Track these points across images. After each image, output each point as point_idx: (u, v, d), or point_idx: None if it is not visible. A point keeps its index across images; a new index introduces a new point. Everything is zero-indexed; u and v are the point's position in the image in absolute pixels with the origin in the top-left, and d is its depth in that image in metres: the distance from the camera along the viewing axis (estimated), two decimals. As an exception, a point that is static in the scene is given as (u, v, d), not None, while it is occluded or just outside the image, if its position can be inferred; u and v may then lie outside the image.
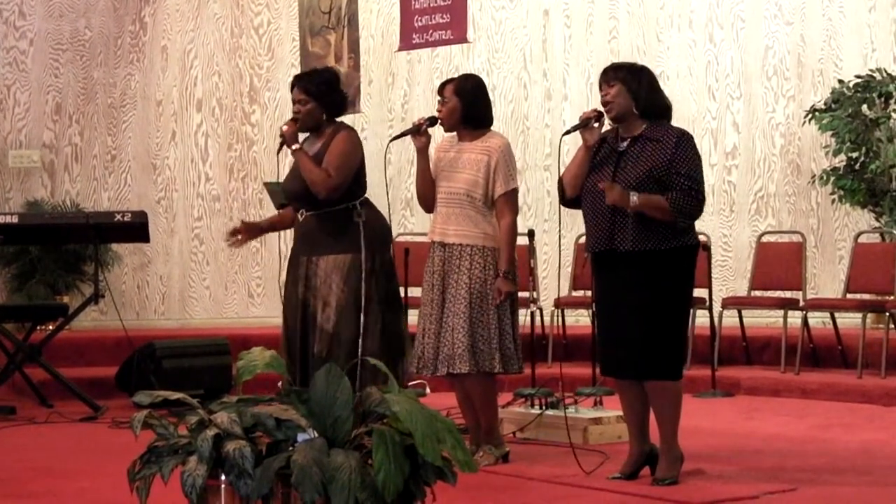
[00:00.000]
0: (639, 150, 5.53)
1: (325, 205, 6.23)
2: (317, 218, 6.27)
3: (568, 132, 5.84)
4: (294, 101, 6.39)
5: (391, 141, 6.56)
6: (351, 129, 6.41)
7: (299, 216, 6.35)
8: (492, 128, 6.24)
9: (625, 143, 5.57)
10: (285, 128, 6.33)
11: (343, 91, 6.53)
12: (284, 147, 6.33)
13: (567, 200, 5.74)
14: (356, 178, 6.31)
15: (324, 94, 6.35)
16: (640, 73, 5.63)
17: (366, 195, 6.39)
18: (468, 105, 6.14)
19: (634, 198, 5.40)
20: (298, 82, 6.45)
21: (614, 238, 5.49)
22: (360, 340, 6.12)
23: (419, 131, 6.13)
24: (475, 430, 6.19)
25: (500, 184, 6.07)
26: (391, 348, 6.20)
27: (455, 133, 6.24)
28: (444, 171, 6.16)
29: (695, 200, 5.48)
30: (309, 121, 6.34)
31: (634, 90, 5.54)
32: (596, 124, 5.62)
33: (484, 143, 6.12)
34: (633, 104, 5.54)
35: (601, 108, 5.67)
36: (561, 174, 5.76)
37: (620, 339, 5.55)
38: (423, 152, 6.16)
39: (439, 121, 6.19)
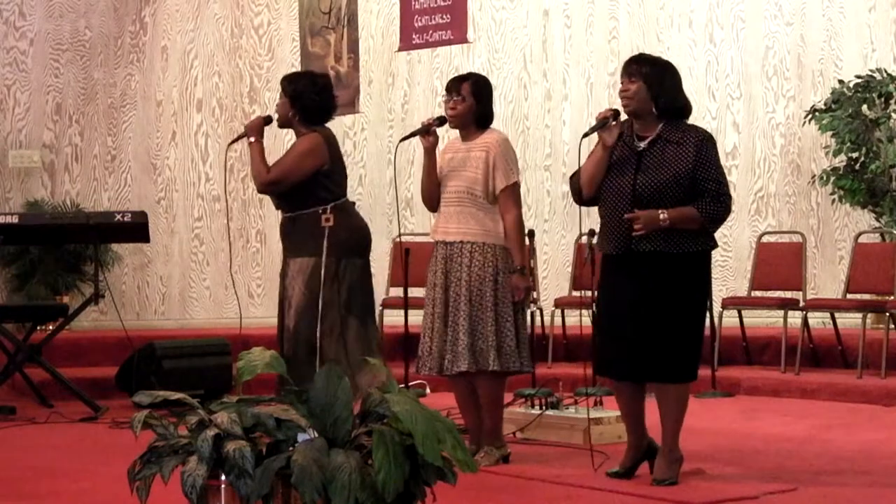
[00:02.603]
0: (659, 153, 5.47)
1: (294, 207, 6.35)
2: (289, 221, 6.44)
3: (587, 134, 5.72)
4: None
5: (401, 141, 6.54)
6: (316, 134, 6.42)
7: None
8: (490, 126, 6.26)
9: (643, 144, 5.52)
10: (252, 120, 6.48)
11: (324, 99, 6.52)
12: (243, 139, 6.46)
13: (583, 200, 5.67)
14: (319, 181, 6.33)
15: (297, 96, 6.40)
16: (664, 72, 5.55)
17: (345, 199, 6.43)
18: (483, 105, 6.16)
19: (664, 215, 5.36)
20: (281, 80, 6.62)
21: (632, 240, 5.45)
22: (318, 343, 6.18)
23: (428, 131, 6.13)
24: (475, 430, 6.19)
25: (501, 178, 6.07)
26: (352, 355, 6.23)
27: (458, 133, 6.24)
28: (450, 171, 6.17)
29: (724, 205, 5.45)
30: (280, 116, 6.48)
31: (656, 90, 5.48)
32: (614, 122, 5.54)
33: (483, 140, 6.13)
34: (653, 104, 5.50)
35: (615, 107, 5.61)
36: (573, 174, 5.71)
37: (630, 341, 5.50)
38: (430, 152, 6.15)
39: (449, 118, 6.18)
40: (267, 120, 6.53)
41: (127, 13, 11.45)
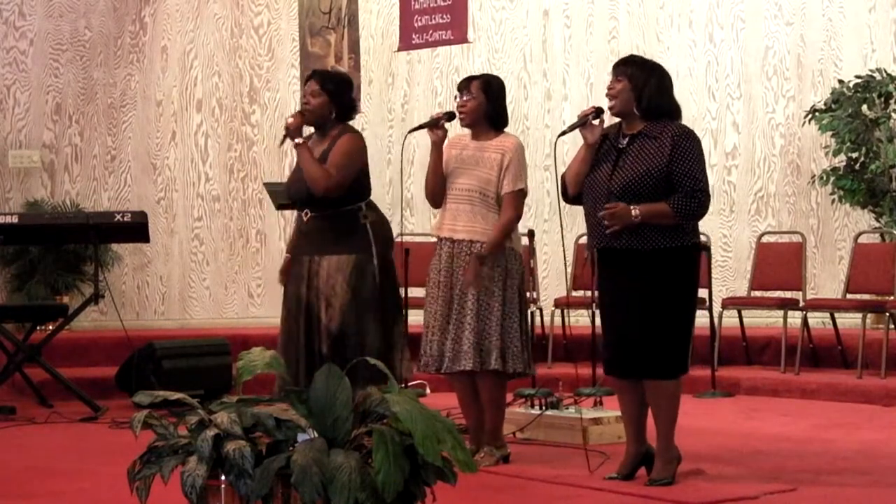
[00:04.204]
0: (638, 149, 5.51)
1: (331, 206, 6.22)
2: (323, 219, 6.27)
3: (565, 132, 5.81)
4: (305, 94, 6.38)
5: (409, 132, 6.53)
6: (357, 132, 6.41)
7: (303, 216, 6.35)
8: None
9: (625, 141, 5.56)
10: (290, 120, 6.31)
11: (354, 98, 6.54)
12: (287, 140, 6.32)
13: (569, 198, 5.73)
14: (359, 180, 6.31)
15: (338, 93, 6.36)
16: (650, 72, 5.57)
17: (370, 198, 6.41)
18: (493, 104, 6.16)
19: (636, 212, 5.38)
20: (315, 76, 6.46)
21: (611, 236, 5.48)
22: (362, 339, 6.13)
23: (437, 125, 6.13)
24: (476, 430, 6.19)
25: (508, 182, 6.08)
26: (391, 348, 6.22)
27: (468, 131, 6.25)
28: (458, 168, 6.16)
29: (697, 201, 5.45)
30: (317, 115, 6.31)
31: (639, 89, 5.51)
32: (595, 121, 5.59)
33: (499, 143, 6.14)
34: (635, 104, 5.52)
35: (600, 105, 5.66)
36: (563, 172, 5.75)
37: (621, 338, 5.54)
38: (437, 146, 6.15)
39: (460, 116, 6.18)
40: (301, 115, 6.40)
41: (127, 13, 11.45)
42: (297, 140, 6.23)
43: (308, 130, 6.43)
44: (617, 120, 5.67)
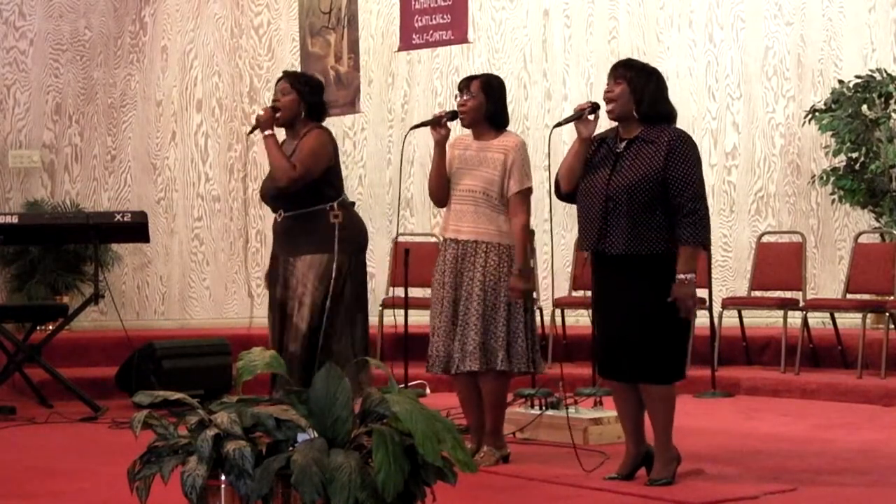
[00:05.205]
0: (635, 153, 5.50)
1: (301, 205, 6.29)
2: (294, 219, 6.37)
3: (560, 124, 5.80)
4: (275, 93, 6.50)
5: (412, 129, 6.53)
6: (325, 130, 6.47)
7: (277, 217, 6.42)
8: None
9: (622, 145, 5.55)
10: (262, 112, 6.41)
11: (325, 101, 6.63)
12: (257, 131, 6.42)
13: (562, 194, 5.73)
14: (328, 179, 6.35)
15: (308, 93, 6.45)
16: (649, 76, 5.56)
17: (343, 196, 6.44)
18: (493, 103, 6.16)
19: (686, 277, 5.37)
20: (285, 76, 6.61)
21: (605, 240, 5.47)
22: (328, 340, 6.18)
23: (440, 123, 6.13)
24: (477, 429, 6.19)
25: (515, 182, 6.09)
26: (360, 350, 6.26)
27: (470, 131, 6.25)
28: (461, 168, 6.16)
29: (700, 214, 5.41)
30: (287, 112, 6.39)
31: (639, 94, 5.50)
32: (591, 116, 5.59)
33: (501, 142, 6.14)
34: (635, 107, 5.51)
35: (596, 100, 5.65)
36: (557, 170, 5.76)
37: (615, 341, 5.54)
38: (440, 145, 6.15)
39: (460, 115, 6.18)
40: (274, 111, 6.48)
41: (127, 13, 11.45)
42: (266, 132, 6.33)
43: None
44: (613, 123, 5.66)
